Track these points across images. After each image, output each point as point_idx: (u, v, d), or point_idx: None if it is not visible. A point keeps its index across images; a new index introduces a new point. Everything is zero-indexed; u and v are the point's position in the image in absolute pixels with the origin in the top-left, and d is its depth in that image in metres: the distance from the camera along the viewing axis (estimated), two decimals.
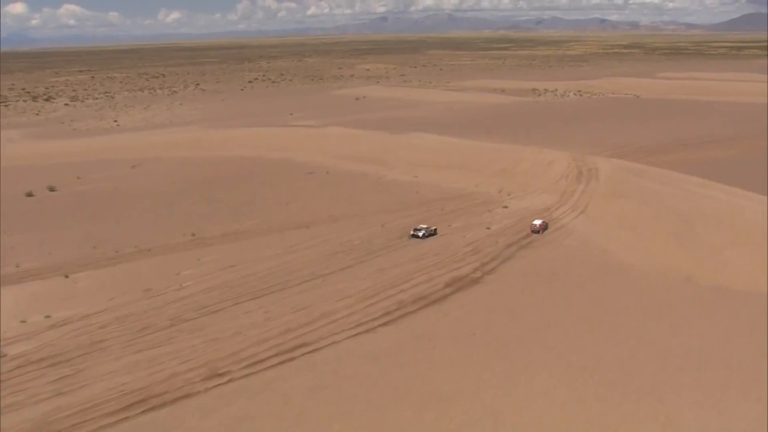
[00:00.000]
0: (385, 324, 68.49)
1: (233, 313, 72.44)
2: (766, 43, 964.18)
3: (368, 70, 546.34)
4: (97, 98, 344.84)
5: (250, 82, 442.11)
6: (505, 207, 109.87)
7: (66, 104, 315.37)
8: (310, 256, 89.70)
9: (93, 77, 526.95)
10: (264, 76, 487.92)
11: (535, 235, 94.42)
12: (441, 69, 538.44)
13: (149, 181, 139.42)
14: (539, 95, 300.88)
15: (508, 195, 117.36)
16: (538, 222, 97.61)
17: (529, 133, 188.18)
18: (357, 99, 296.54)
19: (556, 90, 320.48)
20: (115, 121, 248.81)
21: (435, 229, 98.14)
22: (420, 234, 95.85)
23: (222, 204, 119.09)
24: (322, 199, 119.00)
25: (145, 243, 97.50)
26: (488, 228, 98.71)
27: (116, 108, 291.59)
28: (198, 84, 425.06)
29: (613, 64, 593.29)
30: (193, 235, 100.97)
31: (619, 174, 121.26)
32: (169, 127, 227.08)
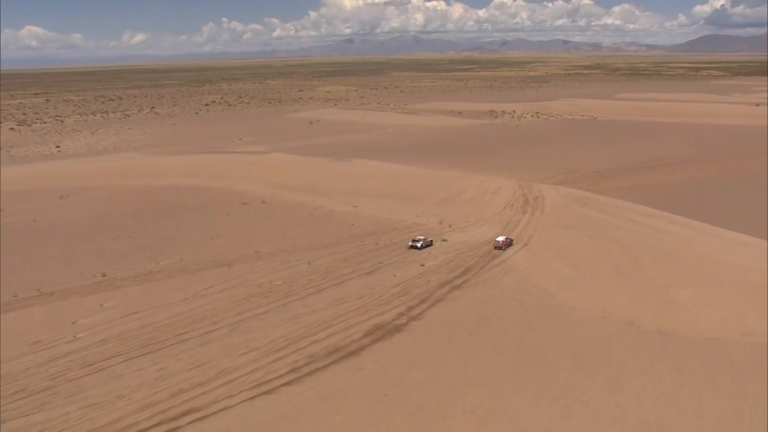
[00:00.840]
0: (289, 383, 60.16)
1: (123, 370, 63.62)
2: (722, 64, 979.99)
3: (328, 92, 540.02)
4: (45, 122, 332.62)
5: (206, 105, 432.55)
6: (444, 240, 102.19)
7: (11, 129, 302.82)
8: (223, 300, 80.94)
9: (48, 100, 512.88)
10: (222, 99, 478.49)
11: (471, 274, 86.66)
12: (402, 91, 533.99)
13: (73, 212, 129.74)
14: (496, 117, 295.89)
15: (449, 227, 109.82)
16: (501, 238, 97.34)
17: (480, 157, 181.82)
18: (311, 123, 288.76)
19: (514, 112, 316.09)
20: (57, 146, 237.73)
21: (431, 241, 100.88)
22: (419, 245, 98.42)
23: (143, 239, 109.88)
24: (252, 233, 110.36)
25: (50, 285, 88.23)
26: (422, 265, 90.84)
27: (62, 133, 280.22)
28: (153, 107, 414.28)
29: (573, 84, 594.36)
30: (104, 275, 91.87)
31: (565, 203, 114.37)
32: (112, 152, 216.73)
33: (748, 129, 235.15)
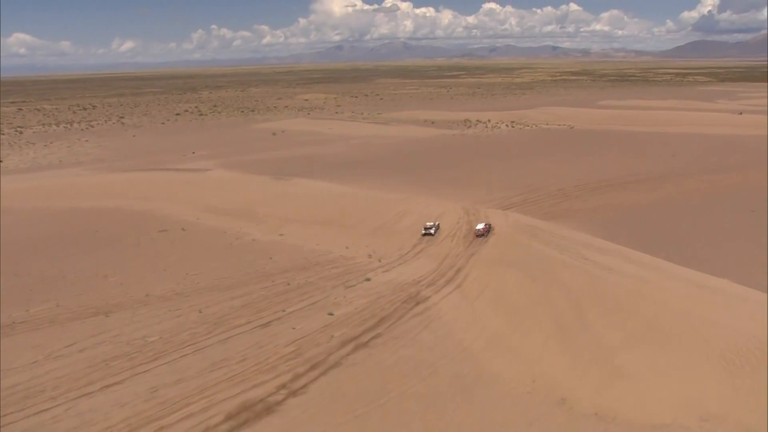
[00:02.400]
0: None
1: None
2: (709, 70, 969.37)
3: (307, 100, 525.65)
4: (4, 133, 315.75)
5: (177, 114, 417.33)
6: (368, 280, 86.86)
7: None
8: (79, 364, 65.47)
9: (20, 109, 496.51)
10: (196, 108, 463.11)
11: (385, 326, 71.60)
12: (381, 98, 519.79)
13: None
14: (469, 127, 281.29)
15: (379, 261, 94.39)
16: (481, 225, 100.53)
17: (439, 173, 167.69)
18: (274, 134, 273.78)
19: (489, 121, 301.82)
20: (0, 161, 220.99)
21: (438, 224, 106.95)
22: (432, 231, 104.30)
23: (28, 277, 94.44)
24: (153, 270, 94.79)
25: None
26: (331, 314, 75.30)
27: (14, 145, 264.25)
28: (122, 117, 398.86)
29: (558, 91, 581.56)
30: None
31: (512, 234, 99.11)
32: (55, 168, 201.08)
33: (729, 139, 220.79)
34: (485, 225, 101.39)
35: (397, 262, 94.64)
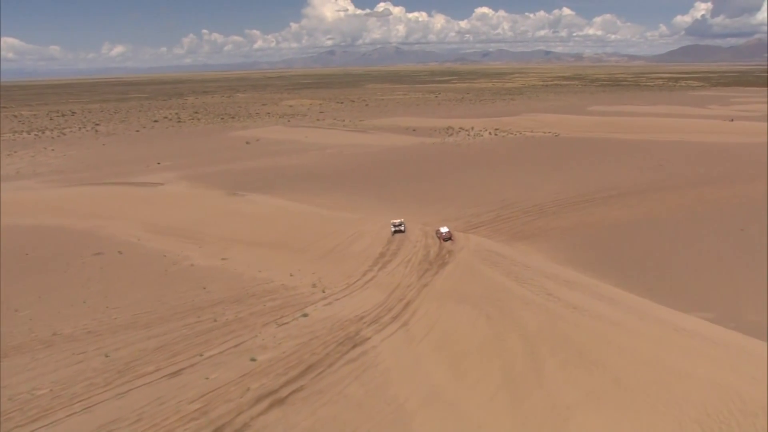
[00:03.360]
0: None
1: None
2: (701, 74, 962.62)
3: (291, 106, 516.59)
4: None
5: (155, 121, 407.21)
6: (305, 315, 76.81)
7: None
8: None
9: None
10: (176, 114, 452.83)
11: (311, 376, 61.79)
12: (367, 105, 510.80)
13: None
14: (450, 135, 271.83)
15: (323, 291, 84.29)
16: (444, 230, 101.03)
17: (409, 186, 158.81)
18: (247, 143, 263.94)
19: (472, 128, 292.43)
20: None
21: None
22: (402, 228, 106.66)
23: None
24: (71, 302, 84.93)
25: None
26: (253, 359, 65.21)
27: None
28: (98, 124, 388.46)
29: (548, 96, 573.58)
30: None
31: (472, 261, 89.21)
32: (10, 180, 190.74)
33: (718, 148, 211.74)
34: (449, 231, 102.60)
35: (342, 293, 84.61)
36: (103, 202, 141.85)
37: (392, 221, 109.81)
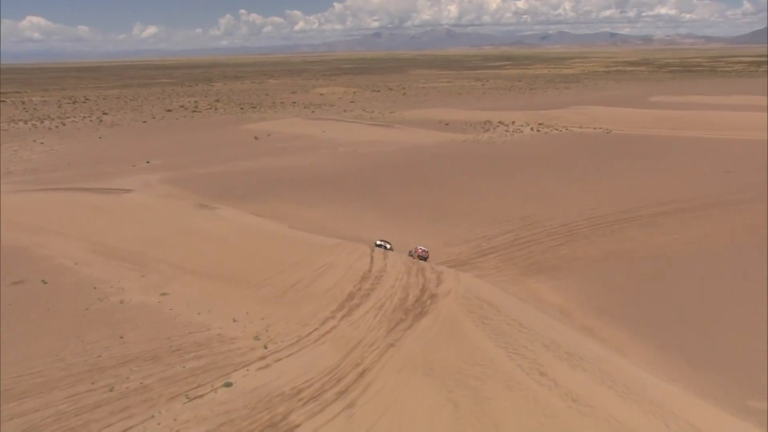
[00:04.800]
0: None
1: None
2: None
3: (322, 95, 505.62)
4: None
5: (169, 110, 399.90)
6: (228, 385, 62.82)
7: None
8: None
9: (4, 101, 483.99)
10: (194, 103, 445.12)
11: None
12: (405, 93, 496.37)
13: None
14: (486, 131, 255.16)
15: (265, 347, 70.27)
16: (422, 247, 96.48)
17: (417, 197, 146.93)
18: (256, 138, 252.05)
19: (513, 123, 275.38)
20: None
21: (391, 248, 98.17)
22: (388, 246, 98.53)
23: None
24: None
25: None
26: None
27: None
28: (106, 113, 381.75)
29: (607, 84, 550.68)
30: None
31: (457, 314, 73.88)
32: None
33: None
34: (424, 250, 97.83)
35: (288, 350, 70.18)
36: (54, 214, 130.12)
37: (378, 241, 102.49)
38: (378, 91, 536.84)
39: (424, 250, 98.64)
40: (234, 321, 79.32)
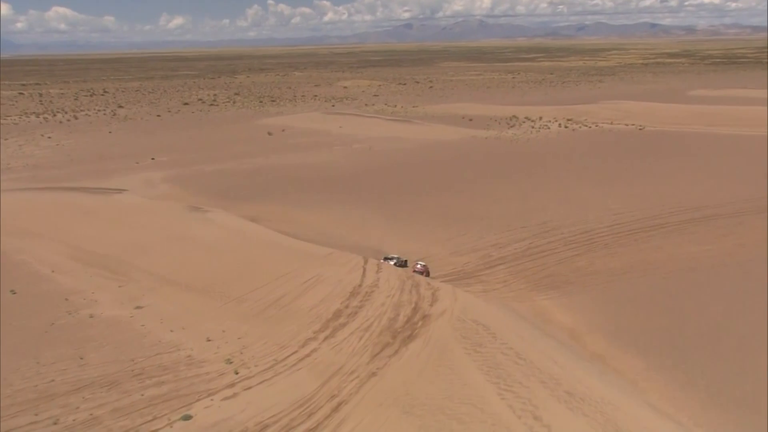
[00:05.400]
0: None
1: None
2: None
3: (345, 88, 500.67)
4: None
5: (186, 104, 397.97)
6: (187, 418, 57.53)
7: None
8: None
9: (21, 93, 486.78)
10: (213, 96, 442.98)
11: None
12: (431, 87, 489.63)
13: None
14: (511, 127, 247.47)
15: (236, 373, 64.78)
16: (421, 263, 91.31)
17: (429, 198, 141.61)
18: (269, 134, 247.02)
19: (540, 118, 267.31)
20: None
21: (405, 261, 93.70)
22: (392, 263, 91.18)
23: None
24: None
25: None
26: None
27: None
28: (121, 106, 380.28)
29: (645, 78, 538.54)
30: None
31: (449, 339, 67.74)
32: None
33: None
34: (423, 266, 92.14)
35: (261, 376, 64.24)
36: (40, 215, 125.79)
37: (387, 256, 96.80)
38: (404, 84, 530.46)
39: (423, 266, 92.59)
40: (208, 340, 73.42)
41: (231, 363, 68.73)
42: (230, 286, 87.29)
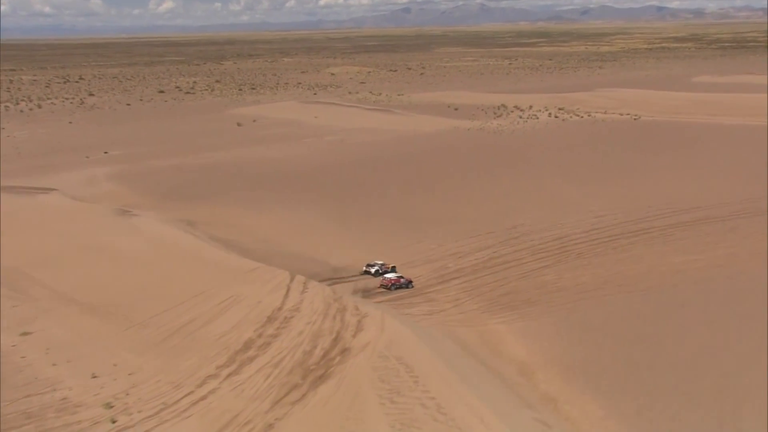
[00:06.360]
0: None
1: None
2: None
3: (333, 75, 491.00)
4: None
5: (161, 91, 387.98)
6: None
7: None
8: None
9: None
10: (193, 83, 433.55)
11: None
12: (422, 73, 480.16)
13: None
14: (498, 116, 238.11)
15: (113, 422, 58.18)
16: (392, 275, 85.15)
17: (392, 199, 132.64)
18: (239, 124, 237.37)
19: (530, 107, 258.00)
20: None
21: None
22: (372, 271, 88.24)
23: None
24: None
25: None
26: None
27: None
28: (92, 94, 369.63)
29: (647, 63, 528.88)
30: None
31: (364, 382, 58.18)
32: None
33: None
34: (398, 277, 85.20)
35: (143, 426, 55.59)
36: None
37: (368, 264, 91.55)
38: (395, 70, 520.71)
39: (394, 278, 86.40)
40: (93, 377, 63.77)
41: (111, 408, 59.05)
42: (137, 308, 77.39)
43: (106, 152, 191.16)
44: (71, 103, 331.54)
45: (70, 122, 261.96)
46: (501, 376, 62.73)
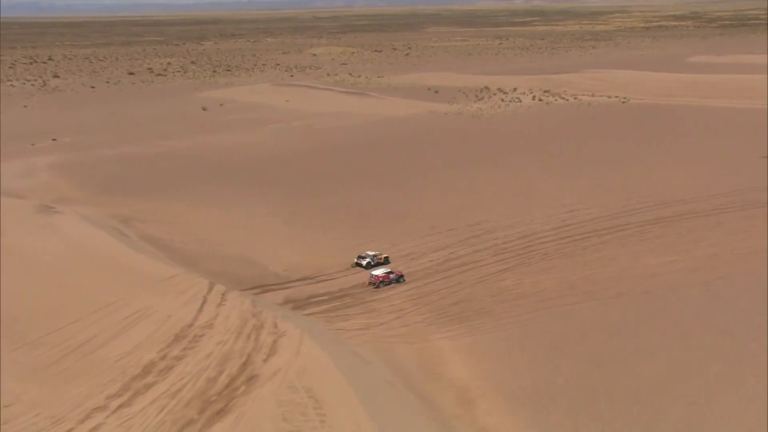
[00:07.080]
0: None
1: None
2: None
3: (314, 56, 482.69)
4: None
5: (132, 73, 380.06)
6: None
7: None
8: None
9: None
10: (167, 64, 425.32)
11: None
12: (407, 54, 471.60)
13: None
14: (479, 99, 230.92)
15: None
16: (380, 272, 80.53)
17: (352, 192, 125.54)
18: (204, 109, 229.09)
19: (514, 90, 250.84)
20: None
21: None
22: (363, 263, 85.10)
23: None
24: None
25: None
26: None
27: None
28: (57, 76, 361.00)
29: (643, 42, 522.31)
30: None
31: (264, 422, 50.92)
32: None
33: None
34: (387, 272, 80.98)
35: None
36: None
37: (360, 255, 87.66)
38: (380, 51, 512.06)
39: (384, 274, 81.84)
40: None
41: None
42: (33, 323, 69.75)
43: (54, 139, 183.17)
44: (32, 85, 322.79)
45: (25, 106, 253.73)
46: (435, 407, 55.48)
